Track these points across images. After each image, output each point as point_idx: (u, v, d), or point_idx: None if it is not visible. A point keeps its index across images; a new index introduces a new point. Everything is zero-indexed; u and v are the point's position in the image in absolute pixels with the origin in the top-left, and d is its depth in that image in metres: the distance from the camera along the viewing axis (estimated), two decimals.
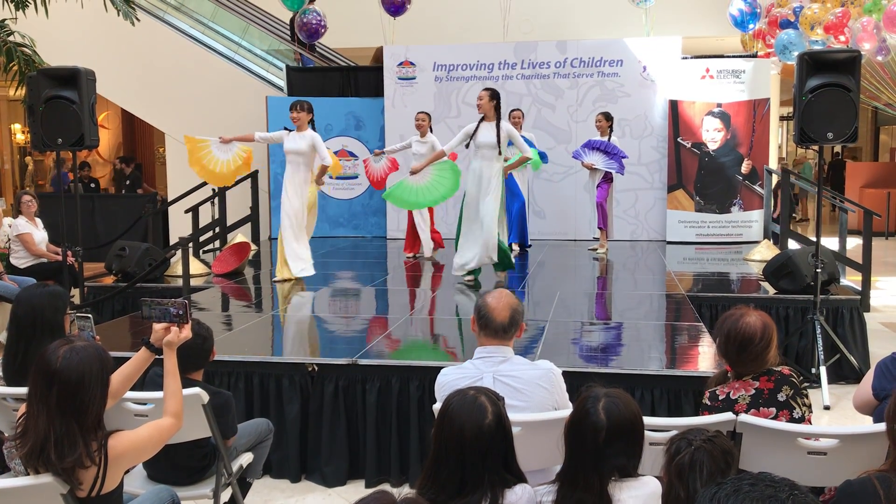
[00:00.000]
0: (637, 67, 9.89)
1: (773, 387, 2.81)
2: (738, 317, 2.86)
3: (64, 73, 5.74)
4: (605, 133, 8.36)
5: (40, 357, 2.37)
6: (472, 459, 2.11)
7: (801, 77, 5.40)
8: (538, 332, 5.03)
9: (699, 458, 2.03)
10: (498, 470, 2.16)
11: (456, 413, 2.16)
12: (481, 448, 2.12)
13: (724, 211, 9.72)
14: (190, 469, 3.30)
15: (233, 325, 5.59)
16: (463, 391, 2.24)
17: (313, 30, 11.20)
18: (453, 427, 2.13)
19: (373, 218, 10.72)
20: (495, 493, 2.12)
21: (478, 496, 2.11)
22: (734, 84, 9.59)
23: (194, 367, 3.23)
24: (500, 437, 2.16)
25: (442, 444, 2.15)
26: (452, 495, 2.11)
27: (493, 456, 2.15)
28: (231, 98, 11.26)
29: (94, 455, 2.32)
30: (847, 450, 2.66)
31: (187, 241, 6.34)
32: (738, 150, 9.64)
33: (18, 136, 16.24)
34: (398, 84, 10.35)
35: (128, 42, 10.83)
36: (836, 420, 5.14)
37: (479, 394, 2.22)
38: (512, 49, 10.22)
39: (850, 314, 6.07)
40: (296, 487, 4.28)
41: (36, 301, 3.28)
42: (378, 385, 4.25)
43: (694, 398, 3.96)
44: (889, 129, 20.29)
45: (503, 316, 2.87)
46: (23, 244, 7.43)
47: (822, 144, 5.50)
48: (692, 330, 5.10)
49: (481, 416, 2.15)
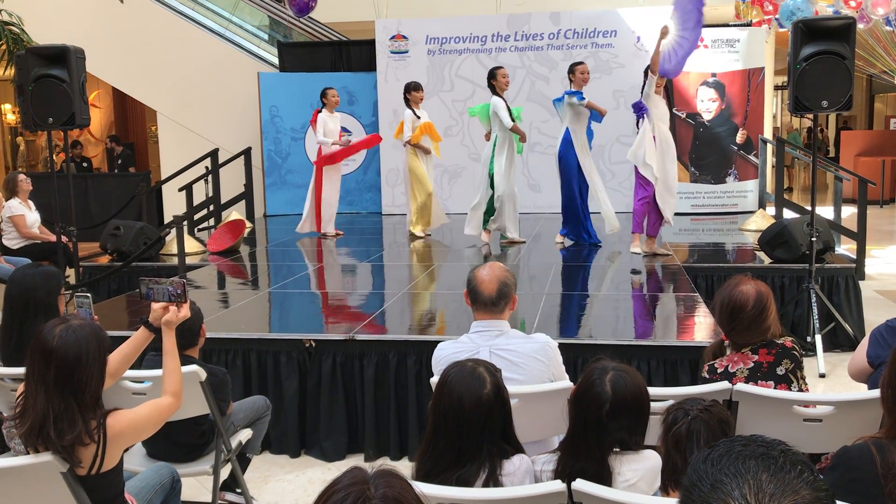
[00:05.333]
0: (631, 38, 9.82)
1: (773, 360, 2.80)
2: (734, 285, 2.86)
3: (53, 51, 5.68)
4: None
5: (37, 336, 2.37)
6: (470, 430, 2.12)
7: (795, 45, 5.37)
8: (535, 305, 5.04)
9: (696, 428, 2.04)
10: (496, 441, 2.17)
11: (455, 384, 2.16)
12: (480, 418, 2.13)
13: (720, 181, 9.71)
14: (189, 446, 3.32)
15: (229, 303, 5.59)
16: (461, 363, 2.24)
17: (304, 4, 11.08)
18: (452, 397, 2.14)
19: (367, 194, 10.69)
20: (493, 463, 2.14)
21: (476, 466, 2.12)
22: (728, 53, 9.54)
23: (188, 343, 3.23)
24: (498, 408, 2.17)
25: (441, 415, 2.15)
26: (451, 465, 2.12)
27: (492, 426, 2.16)
28: (222, 75, 11.17)
29: (93, 433, 2.32)
30: (842, 417, 2.68)
31: (182, 219, 6.31)
32: (732, 120, 9.61)
33: (9, 116, 16.12)
34: (391, 58, 10.28)
35: (118, 19, 10.73)
36: (832, 388, 5.17)
37: (478, 365, 2.23)
38: (505, 21, 10.14)
39: (845, 282, 6.09)
40: (295, 462, 4.31)
41: (29, 281, 3.27)
42: (376, 360, 4.27)
43: (690, 368, 3.98)
44: (884, 97, 20.23)
45: (491, 289, 2.86)
46: (14, 226, 7.39)
47: (817, 112, 5.48)
48: (688, 300, 5.11)
49: (480, 387, 2.15)
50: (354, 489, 1.32)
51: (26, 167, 15.97)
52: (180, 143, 11.15)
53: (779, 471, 1.05)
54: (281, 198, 10.67)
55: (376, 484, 1.33)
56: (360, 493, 1.32)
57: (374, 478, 1.35)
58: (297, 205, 10.53)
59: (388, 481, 1.35)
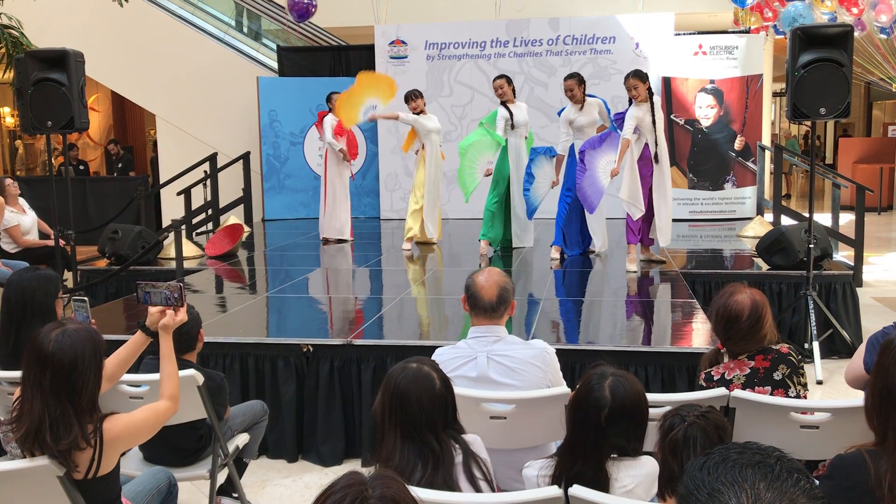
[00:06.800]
0: (630, 44, 9.85)
1: (770, 365, 2.81)
2: (729, 294, 2.86)
3: (52, 55, 5.69)
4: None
5: (33, 340, 2.37)
6: (433, 423, 2.18)
7: (793, 52, 5.38)
8: (533, 310, 5.04)
9: (692, 434, 2.04)
10: (454, 424, 2.27)
11: (410, 388, 2.19)
12: (438, 411, 2.20)
13: (718, 188, 9.72)
14: (186, 450, 3.31)
15: (227, 307, 5.59)
16: (404, 367, 2.27)
17: (304, 9, 11.10)
18: (411, 401, 2.18)
19: (366, 199, 10.69)
20: (459, 441, 2.23)
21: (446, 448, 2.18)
22: (727, 60, 9.57)
23: (186, 348, 3.23)
24: (450, 396, 2.27)
25: (402, 419, 2.18)
26: (437, 462, 2.15)
27: (449, 414, 2.25)
28: (222, 79, 11.18)
29: (89, 437, 2.32)
30: (839, 423, 2.68)
31: (180, 223, 6.32)
32: (730, 127, 9.63)
33: (7, 119, 16.12)
34: (390, 63, 10.29)
35: (117, 23, 10.73)
36: (829, 394, 5.18)
37: (421, 364, 2.28)
38: (504, 27, 10.16)
39: (842, 289, 6.10)
40: (292, 467, 4.30)
41: (27, 285, 3.27)
42: (373, 365, 4.26)
43: (688, 374, 3.98)
44: (882, 104, 20.28)
45: (491, 294, 2.86)
46: (11, 238, 7.31)
47: (815, 120, 5.49)
48: (686, 307, 5.11)
49: (431, 384, 2.22)
50: (352, 490, 1.33)
51: (25, 170, 15.97)
52: (179, 147, 11.15)
53: (776, 479, 1.05)
54: (279, 202, 10.67)
55: (373, 485, 1.34)
56: (357, 493, 1.32)
57: (371, 480, 1.36)
58: (295, 209, 10.55)
59: (386, 482, 1.36)
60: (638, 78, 6.20)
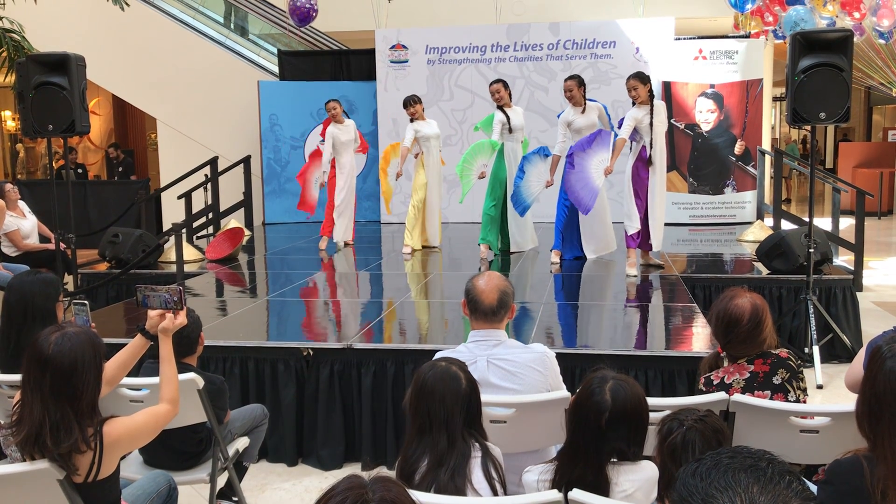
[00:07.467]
0: (630, 49, 9.86)
1: (769, 370, 2.81)
2: (729, 298, 2.87)
3: (54, 58, 5.70)
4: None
5: (32, 344, 2.37)
6: (451, 422, 2.24)
7: (793, 57, 5.39)
8: (533, 315, 5.04)
9: (691, 438, 2.04)
10: (478, 427, 2.32)
11: (436, 385, 2.26)
12: (459, 410, 2.26)
13: (718, 192, 9.73)
14: (186, 454, 3.31)
15: (227, 311, 5.59)
16: (433, 364, 2.34)
17: (305, 13, 11.12)
18: (434, 397, 2.25)
19: (366, 202, 10.70)
20: (480, 443, 2.28)
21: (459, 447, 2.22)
22: (727, 65, 9.58)
23: (186, 351, 3.23)
24: (475, 398, 2.32)
25: (427, 415, 2.25)
26: (441, 458, 2.20)
27: (473, 415, 2.31)
28: (222, 83, 11.20)
29: (89, 440, 2.32)
30: (839, 428, 2.67)
31: (180, 227, 6.32)
32: (731, 131, 9.64)
33: (9, 122, 16.14)
34: (390, 67, 10.31)
35: (118, 27, 10.76)
36: (829, 399, 5.17)
37: (450, 364, 2.34)
38: (504, 31, 10.18)
39: (842, 294, 6.10)
40: (292, 471, 4.30)
41: (27, 288, 3.27)
42: (373, 369, 4.27)
43: (688, 378, 3.98)
44: (882, 108, 20.30)
45: (491, 299, 2.86)
46: (11, 242, 7.31)
47: (815, 124, 5.50)
48: (686, 311, 5.11)
49: (457, 384, 2.28)
50: (352, 493, 1.33)
51: (26, 174, 15.99)
52: (180, 151, 11.16)
53: (769, 482, 1.06)
54: (280, 206, 10.68)
55: (373, 489, 1.35)
56: (357, 497, 1.33)
57: (371, 483, 1.36)
58: (296, 213, 10.54)
59: (386, 485, 1.36)
60: (638, 79, 6.22)
